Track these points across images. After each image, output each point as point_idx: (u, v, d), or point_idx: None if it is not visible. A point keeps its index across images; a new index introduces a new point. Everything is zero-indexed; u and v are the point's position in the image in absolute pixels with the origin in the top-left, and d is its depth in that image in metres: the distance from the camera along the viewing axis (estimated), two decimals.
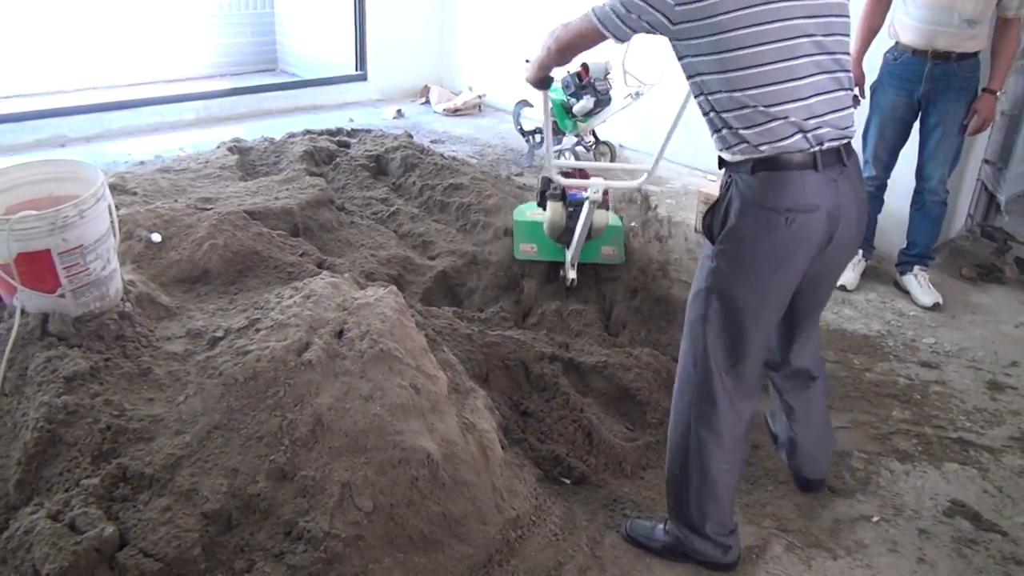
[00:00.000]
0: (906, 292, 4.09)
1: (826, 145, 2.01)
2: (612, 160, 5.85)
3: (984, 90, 3.72)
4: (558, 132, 5.72)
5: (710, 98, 2.06)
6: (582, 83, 5.48)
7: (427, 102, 7.40)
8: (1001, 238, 4.42)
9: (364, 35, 7.27)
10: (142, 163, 5.21)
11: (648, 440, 2.79)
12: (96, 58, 7.29)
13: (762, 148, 2.00)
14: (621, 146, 6.10)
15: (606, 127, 5.80)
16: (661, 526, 2.39)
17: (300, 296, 2.44)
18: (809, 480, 2.66)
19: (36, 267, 2.20)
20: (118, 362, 2.28)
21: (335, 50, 7.72)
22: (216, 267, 2.96)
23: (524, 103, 5.99)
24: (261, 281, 2.97)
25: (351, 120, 6.63)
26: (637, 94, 5.38)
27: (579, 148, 5.67)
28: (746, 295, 2.10)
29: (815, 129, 1.99)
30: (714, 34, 1.92)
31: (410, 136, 5.50)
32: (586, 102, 5.47)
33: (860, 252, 4.17)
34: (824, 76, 2.00)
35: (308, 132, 5.36)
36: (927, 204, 3.95)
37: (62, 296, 2.25)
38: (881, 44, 3.88)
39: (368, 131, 5.54)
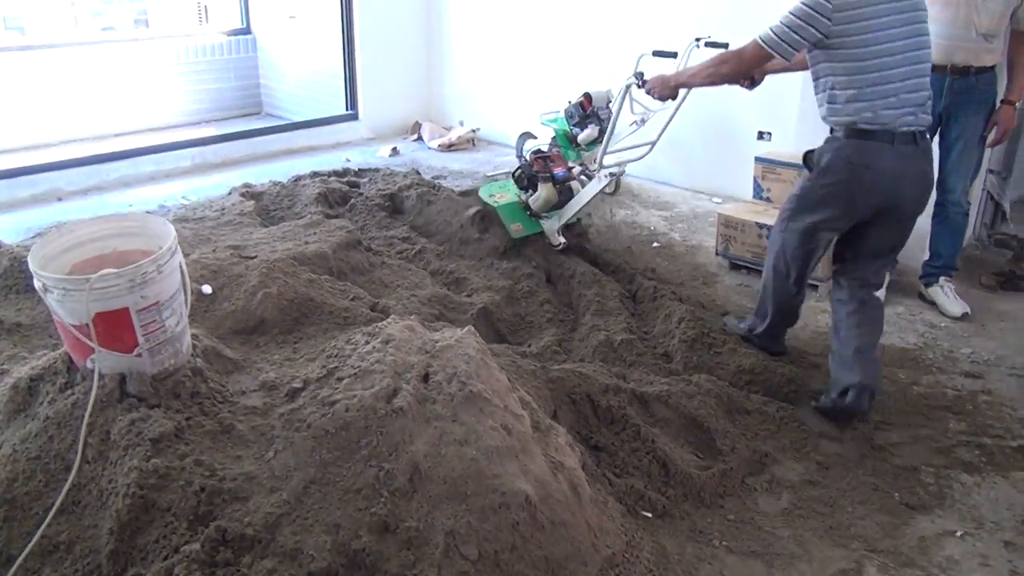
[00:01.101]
0: (932, 303, 4.14)
1: (902, 129, 2.89)
2: (616, 189, 5.87)
3: (1003, 102, 3.80)
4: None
5: (830, 84, 2.94)
6: (586, 113, 5.53)
7: (419, 138, 7.39)
8: (1017, 246, 4.50)
9: (354, 74, 7.27)
10: (148, 213, 5.10)
11: (722, 468, 2.76)
12: (82, 110, 7.19)
13: (859, 122, 2.91)
14: (624, 173, 6.13)
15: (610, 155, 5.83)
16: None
17: (378, 341, 2.38)
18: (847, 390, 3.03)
19: (114, 326, 2.12)
20: (199, 420, 2.21)
21: (321, 90, 7.70)
22: (272, 316, 2.90)
23: (527, 135, 6.01)
24: (318, 328, 2.90)
25: (347, 160, 6.60)
26: (642, 120, 5.41)
27: (583, 177, 5.69)
28: (821, 207, 3.07)
29: (897, 117, 2.88)
30: (849, 48, 2.85)
31: (418, 173, 5.48)
32: (590, 131, 5.51)
33: None
34: (910, 80, 2.89)
35: (316, 174, 5.32)
36: (950, 215, 4.01)
37: (139, 355, 2.18)
38: None
39: (376, 170, 5.50)
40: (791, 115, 5.23)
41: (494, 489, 2.12)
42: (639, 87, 3.86)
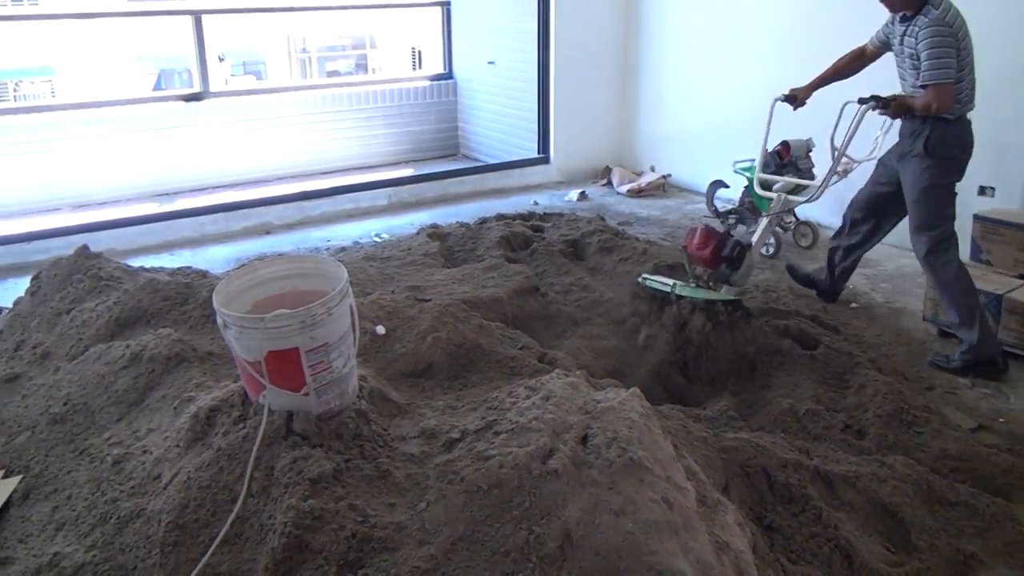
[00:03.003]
0: None
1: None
2: (814, 243, 5.53)
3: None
4: (755, 212, 5.48)
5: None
6: (783, 162, 5.26)
7: (609, 183, 7.34)
8: None
9: (547, 119, 7.36)
10: (343, 249, 5.37)
11: (917, 566, 2.44)
12: (293, 148, 7.73)
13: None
14: (820, 225, 5.77)
15: (808, 207, 5.51)
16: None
17: (538, 397, 2.31)
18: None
19: (284, 365, 2.18)
20: (358, 463, 2.22)
21: (515, 134, 7.85)
22: (440, 361, 2.90)
23: (719, 184, 5.81)
24: (484, 376, 2.88)
25: (535, 203, 6.66)
26: (846, 172, 5.07)
27: (777, 229, 5.41)
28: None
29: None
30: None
31: (603, 219, 5.41)
32: (787, 181, 5.22)
33: None
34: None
35: (501, 216, 5.38)
36: None
37: (306, 394, 2.23)
38: None
39: (560, 215, 5.50)
40: (1018, 168, 4.73)
41: (650, 567, 1.97)
42: (876, 108, 3.84)
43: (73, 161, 6.70)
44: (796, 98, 4.43)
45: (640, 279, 3.88)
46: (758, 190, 4.72)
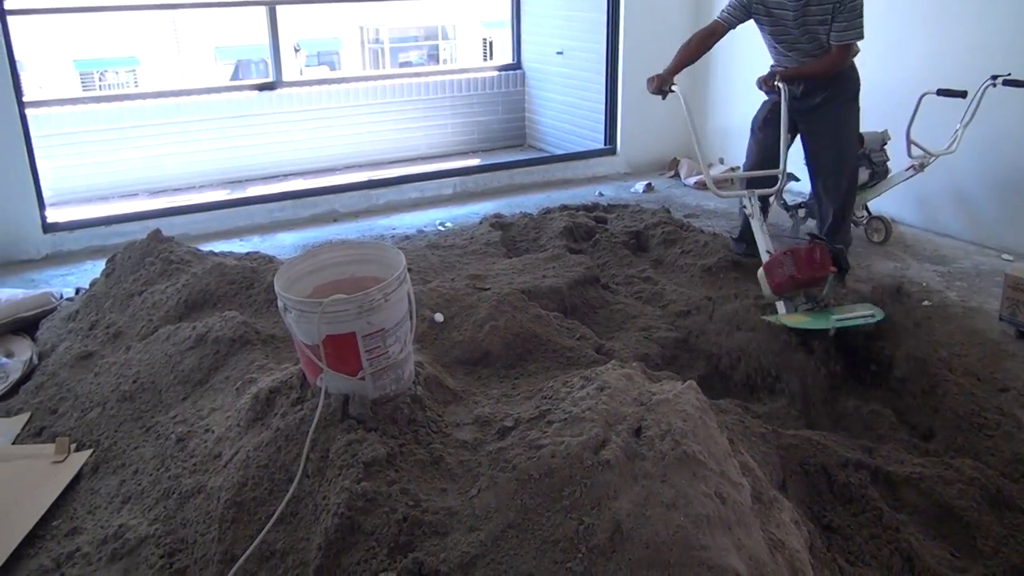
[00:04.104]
0: None
1: None
2: (887, 238, 5.37)
3: None
4: None
5: None
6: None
7: (676, 175, 7.25)
8: None
9: (615, 109, 7.30)
10: (407, 237, 5.42)
11: (982, 571, 2.36)
12: (362, 138, 7.83)
13: None
14: (895, 220, 5.60)
15: (879, 200, 5.36)
16: None
17: (593, 388, 2.30)
18: None
19: (341, 349, 2.22)
20: (411, 448, 2.25)
21: (581, 124, 7.81)
22: (497, 350, 2.92)
23: (790, 176, 5.67)
24: (540, 366, 2.88)
25: (601, 194, 6.61)
26: (922, 166, 4.92)
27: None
28: None
29: None
30: None
31: (668, 211, 5.35)
32: (860, 174, 5.09)
33: None
34: None
35: (565, 207, 5.36)
36: None
37: (363, 379, 2.26)
38: None
39: (625, 206, 5.45)
40: None
41: (701, 562, 1.95)
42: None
43: (152, 149, 6.92)
44: (662, 90, 4.44)
45: (768, 319, 3.37)
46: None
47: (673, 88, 4.39)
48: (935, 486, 2.59)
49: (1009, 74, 4.60)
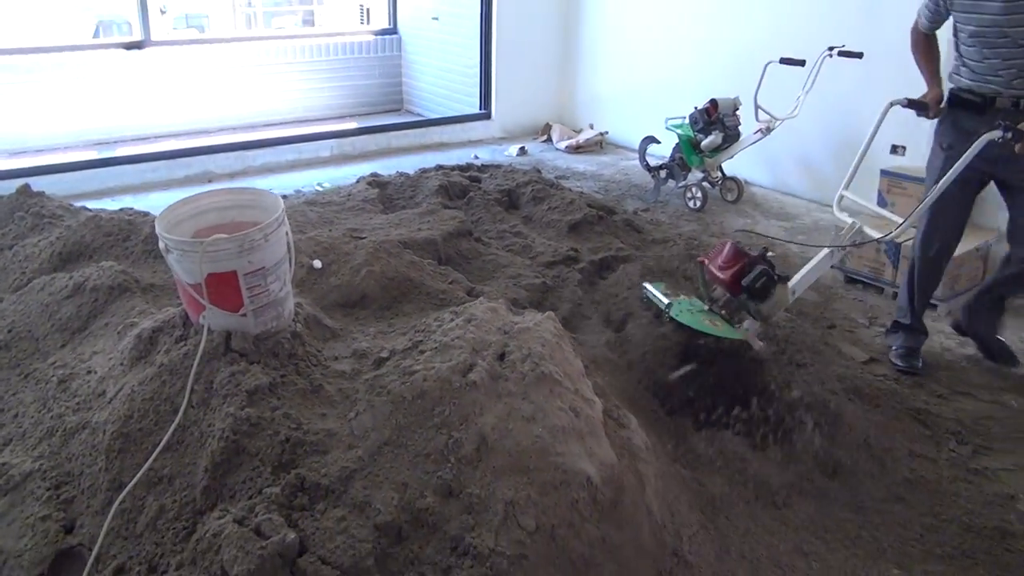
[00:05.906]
0: None
1: None
2: (739, 196, 5.80)
3: None
4: (684, 168, 5.73)
5: None
6: (711, 119, 5.50)
7: (549, 140, 7.53)
8: None
9: (490, 76, 7.49)
10: (284, 197, 5.47)
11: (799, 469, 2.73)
12: (236, 100, 7.74)
13: None
14: (747, 182, 6.06)
15: (732, 163, 5.78)
16: None
17: (461, 319, 2.51)
18: None
19: (223, 287, 2.34)
20: (293, 379, 2.40)
21: (458, 89, 7.97)
22: (373, 292, 3.08)
23: (651, 139, 6.03)
24: (415, 307, 3.07)
25: (476, 157, 6.81)
26: (768, 129, 5.34)
27: (705, 184, 5.66)
28: None
29: None
30: None
31: (539, 172, 5.60)
32: (714, 137, 5.48)
33: None
34: None
35: (441, 168, 5.54)
36: None
37: (244, 315, 2.39)
38: None
39: (498, 167, 5.67)
40: (925, 129, 5.02)
41: (556, 466, 2.20)
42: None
43: (10, 107, 6.64)
44: (927, 106, 3.50)
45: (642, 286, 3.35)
46: None
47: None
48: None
49: (844, 45, 5.04)
